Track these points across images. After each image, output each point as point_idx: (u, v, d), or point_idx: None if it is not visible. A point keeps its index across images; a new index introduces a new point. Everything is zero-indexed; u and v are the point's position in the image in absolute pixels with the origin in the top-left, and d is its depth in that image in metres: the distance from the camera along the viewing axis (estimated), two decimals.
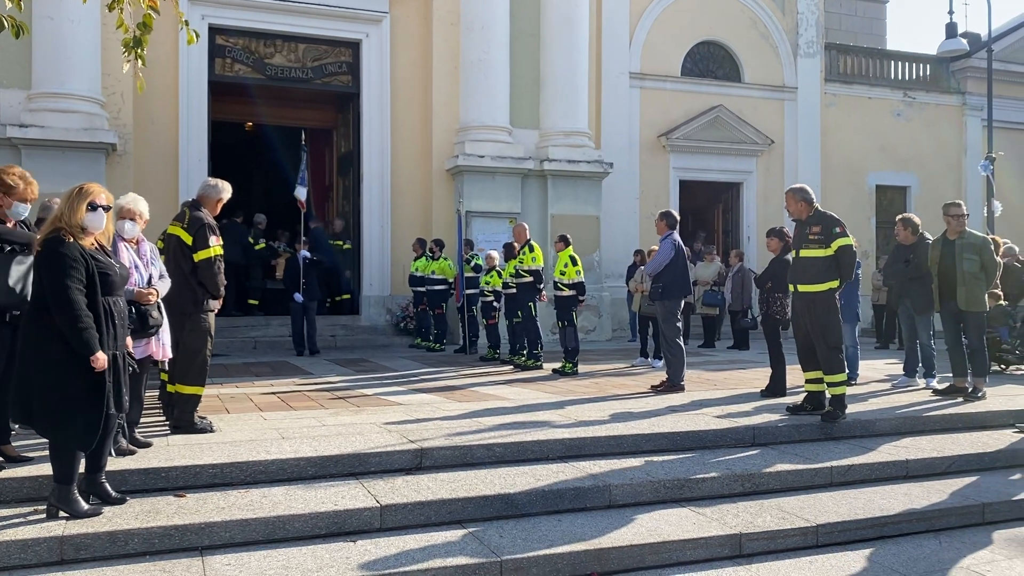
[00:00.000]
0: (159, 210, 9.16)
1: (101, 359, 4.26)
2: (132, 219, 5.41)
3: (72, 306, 4.21)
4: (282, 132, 18.52)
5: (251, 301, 14.89)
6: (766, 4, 18.37)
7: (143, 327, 5.22)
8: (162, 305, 5.48)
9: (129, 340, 4.78)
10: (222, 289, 6.07)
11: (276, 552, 4.23)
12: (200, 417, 6.08)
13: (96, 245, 4.53)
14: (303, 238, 12.83)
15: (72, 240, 4.34)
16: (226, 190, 6.19)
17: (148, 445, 5.44)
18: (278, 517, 4.44)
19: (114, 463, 4.83)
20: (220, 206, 6.23)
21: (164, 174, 13.55)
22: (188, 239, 5.91)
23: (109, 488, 4.55)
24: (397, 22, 15.17)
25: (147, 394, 6.23)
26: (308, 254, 12.51)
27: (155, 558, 4.12)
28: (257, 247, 15.12)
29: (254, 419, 6.61)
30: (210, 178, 6.45)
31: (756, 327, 9.30)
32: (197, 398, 6.05)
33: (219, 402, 7.54)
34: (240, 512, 4.47)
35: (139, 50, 5.36)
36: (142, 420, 5.97)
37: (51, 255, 4.29)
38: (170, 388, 6.22)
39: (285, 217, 17.49)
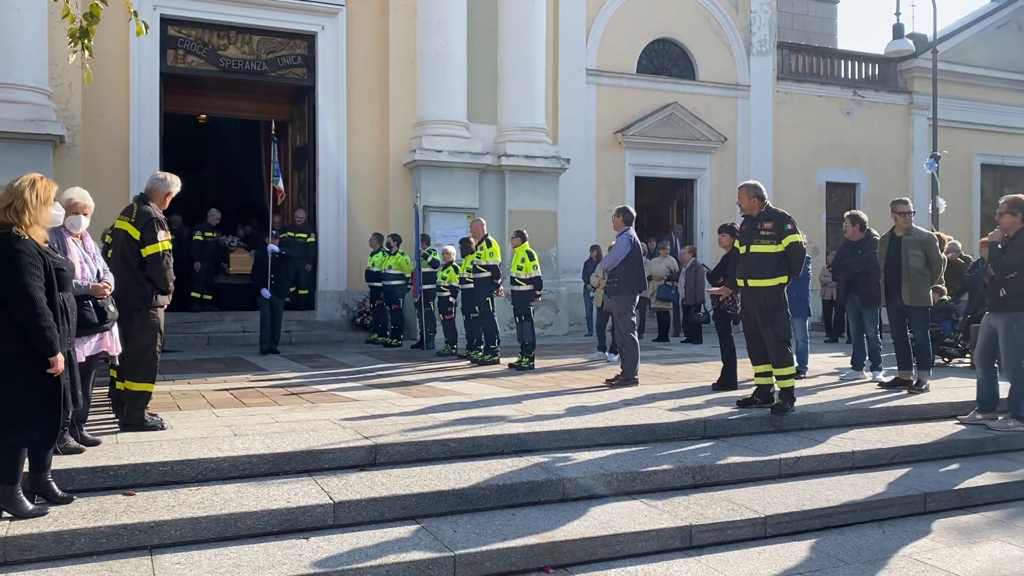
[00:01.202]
0: (109, 204, 9.03)
1: (60, 360, 4.19)
2: (85, 214, 5.33)
3: (35, 305, 4.11)
4: (236, 125, 18.31)
5: (194, 294, 14.32)
6: (720, 2, 18.60)
7: (103, 321, 5.17)
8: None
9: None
10: (171, 284, 5.99)
11: (227, 550, 4.20)
12: (151, 414, 6.00)
13: (45, 241, 4.44)
14: (272, 231, 12.40)
15: (28, 236, 4.24)
16: (175, 184, 6.10)
17: (96, 443, 5.34)
18: (229, 515, 4.40)
19: (62, 461, 4.75)
20: (169, 200, 6.13)
21: (114, 167, 13.31)
22: (136, 234, 5.80)
23: (55, 487, 4.47)
24: (353, 15, 15.06)
25: (97, 391, 6.14)
26: (277, 248, 11.93)
27: (103, 558, 4.06)
28: (194, 238, 14.48)
29: (206, 416, 6.54)
30: (159, 172, 6.36)
31: (709, 321, 9.44)
32: (147, 395, 5.97)
33: (171, 399, 7.44)
34: (191, 510, 4.42)
35: (86, 40, 5.26)
36: (91, 418, 5.88)
37: (7, 252, 4.17)
38: (119, 385, 6.13)
39: (242, 210, 17.33)
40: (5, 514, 4.20)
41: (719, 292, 8.01)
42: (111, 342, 5.47)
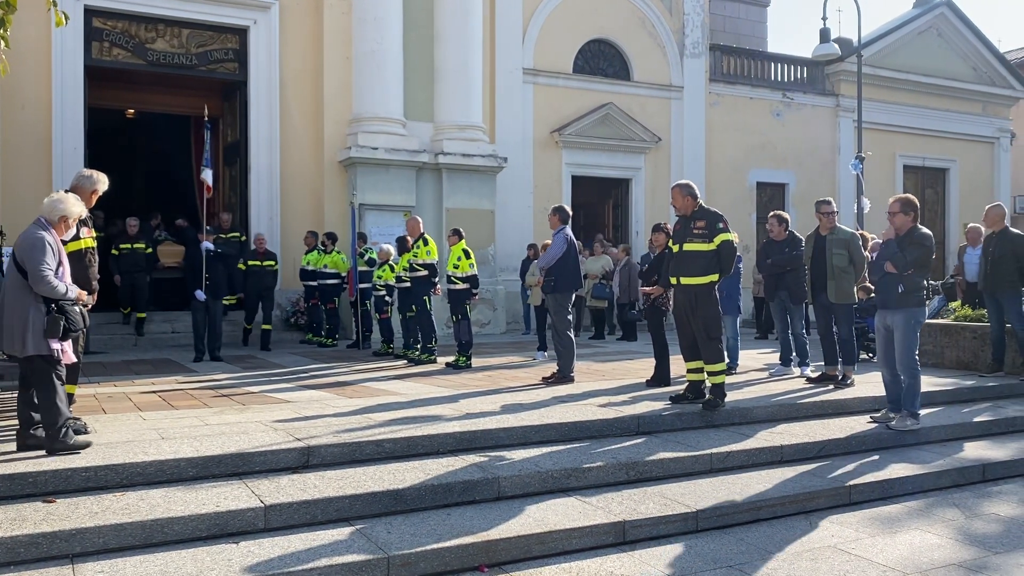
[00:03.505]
0: (31, 202, 8.71)
1: None
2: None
3: None
4: (166, 120, 17.85)
5: (123, 309, 13.31)
6: (654, 4, 18.83)
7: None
8: None
9: None
10: (95, 283, 5.81)
11: (153, 556, 4.09)
12: (74, 418, 5.80)
13: None
14: (206, 227, 11.59)
15: None
16: (101, 181, 5.93)
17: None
18: (155, 520, 4.28)
19: None
20: (95, 198, 5.96)
21: (36, 163, 12.85)
22: None
23: None
24: (286, 10, 14.80)
25: (10, 395, 5.91)
26: (212, 246, 11.03)
27: (20, 568, 3.92)
28: (111, 252, 12.97)
29: (133, 419, 6.36)
30: (84, 168, 6.17)
31: (643, 319, 9.58)
32: (69, 397, 5.77)
33: (96, 402, 7.22)
34: (115, 516, 4.29)
35: (1, 31, 5.07)
36: (8, 423, 5.66)
37: None
38: None
39: (173, 206, 16.85)
40: None
41: (651, 291, 8.12)
42: None
